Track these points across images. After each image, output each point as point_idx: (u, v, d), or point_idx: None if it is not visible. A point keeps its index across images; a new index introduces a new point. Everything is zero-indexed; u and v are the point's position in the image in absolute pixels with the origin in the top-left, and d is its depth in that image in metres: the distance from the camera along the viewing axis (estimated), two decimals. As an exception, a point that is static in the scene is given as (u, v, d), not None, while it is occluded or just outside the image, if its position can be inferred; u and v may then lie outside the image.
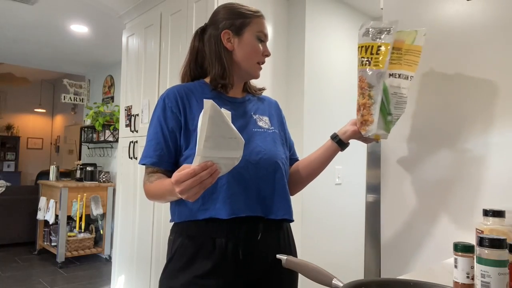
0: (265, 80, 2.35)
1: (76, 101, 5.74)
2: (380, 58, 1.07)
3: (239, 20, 1.15)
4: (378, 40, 1.08)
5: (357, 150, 2.65)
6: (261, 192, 1.08)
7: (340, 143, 1.18)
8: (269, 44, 1.20)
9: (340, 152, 1.22)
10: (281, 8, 2.51)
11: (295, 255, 1.19)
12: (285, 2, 2.53)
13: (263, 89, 1.29)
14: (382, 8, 1.42)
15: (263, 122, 1.19)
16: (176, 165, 1.08)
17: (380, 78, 1.07)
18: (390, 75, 1.10)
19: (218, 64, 1.14)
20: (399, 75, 1.11)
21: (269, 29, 2.48)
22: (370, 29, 1.09)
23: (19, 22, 3.83)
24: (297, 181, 1.25)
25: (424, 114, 1.26)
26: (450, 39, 1.21)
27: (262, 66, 1.18)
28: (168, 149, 1.09)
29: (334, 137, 1.19)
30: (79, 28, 3.97)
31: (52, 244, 4.60)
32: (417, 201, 1.25)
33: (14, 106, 8.35)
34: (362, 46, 1.10)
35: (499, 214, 0.92)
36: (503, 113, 1.08)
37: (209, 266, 1.03)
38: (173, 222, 1.15)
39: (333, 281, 0.76)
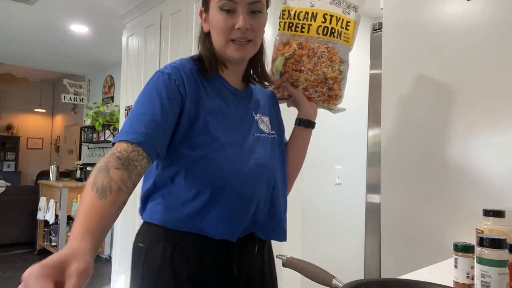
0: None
1: (76, 101, 5.74)
2: (350, 35, 1.03)
3: None
4: (347, 15, 1.03)
5: (357, 150, 2.66)
6: (258, 211, 0.94)
7: (308, 123, 1.10)
8: (269, 44, 1.07)
9: (340, 152, 1.20)
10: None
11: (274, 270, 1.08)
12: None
13: (274, 80, 1.10)
14: (382, 8, 1.42)
15: (264, 124, 1.03)
16: (157, 154, 0.82)
17: (348, 55, 1.04)
18: None
19: (200, 50, 0.98)
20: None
21: (269, 30, 2.48)
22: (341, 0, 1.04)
23: (19, 22, 3.83)
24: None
25: (424, 114, 1.26)
26: (450, 39, 1.21)
27: (244, 43, 0.92)
28: (161, 134, 0.83)
29: (303, 121, 1.10)
30: (79, 28, 3.96)
31: (52, 244, 4.60)
32: (417, 201, 1.25)
33: (14, 106, 8.34)
34: (332, 15, 1.04)
35: (499, 214, 0.92)
36: (503, 113, 1.08)
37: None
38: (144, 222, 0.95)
39: (333, 281, 0.76)
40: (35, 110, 8.51)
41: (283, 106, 1.15)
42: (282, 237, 1.01)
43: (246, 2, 0.90)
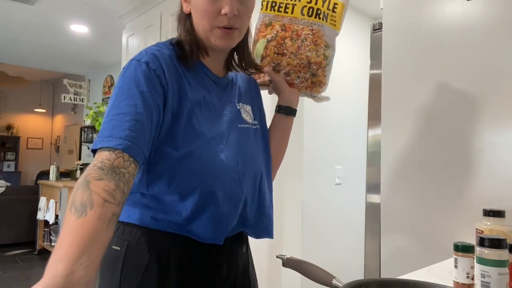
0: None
1: (76, 101, 5.74)
2: (337, 18, 0.95)
3: None
4: None
5: (357, 150, 2.66)
6: (246, 209, 0.88)
7: (288, 111, 1.02)
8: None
9: (340, 152, 1.19)
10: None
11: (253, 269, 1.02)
12: None
13: (259, 67, 1.01)
14: (382, 8, 1.42)
15: (247, 113, 0.95)
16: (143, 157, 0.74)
17: (335, 40, 0.97)
18: None
19: (179, 32, 0.88)
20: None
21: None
22: None
23: (19, 22, 3.83)
24: None
25: (424, 114, 1.25)
26: (450, 39, 1.21)
27: (230, 30, 0.83)
28: (150, 132, 0.74)
29: (283, 108, 1.02)
30: (79, 28, 3.96)
31: (52, 244, 4.60)
32: (417, 201, 1.25)
33: (14, 106, 8.35)
34: None
35: (499, 214, 0.92)
36: (503, 113, 1.08)
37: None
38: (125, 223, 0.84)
39: (333, 281, 0.76)
40: (35, 110, 8.51)
41: (264, 93, 1.09)
42: (270, 234, 0.95)
43: None
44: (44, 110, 8.58)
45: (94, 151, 0.69)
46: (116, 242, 0.82)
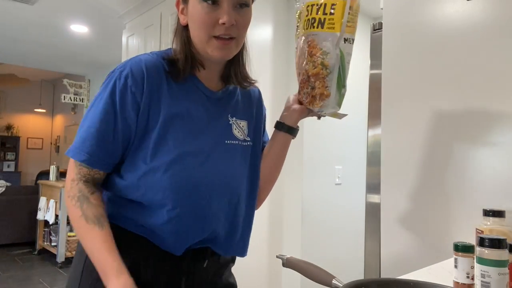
0: (265, 80, 2.35)
1: (76, 101, 5.75)
2: (336, 19, 0.88)
3: None
4: None
5: (357, 150, 2.66)
6: (217, 227, 0.88)
7: (290, 130, 0.98)
8: (269, 44, 1.01)
9: (340, 152, 1.17)
10: (281, 8, 2.51)
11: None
12: (285, 2, 2.53)
13: (253, 81, 0.98)
14: (382, 8, 1.42)
15: (239, 129, 0.94)
16: (113, 166, 0.83)
17: (337, 44, 0.89)
18: (346, 40, 0.91)
19: (175, 44, 0.88)
20: (352, 40, 0.92)
21: (269, 29, 2.49)
22: None
23: (19, 22, 3.83)
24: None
25: (423, 114, 1.26)
26: (450, 39, 1.21)
27: (227, 40, 0.83)
28: (115, 150, 0.81)
29: (281, 126, 0.97)
30: (79, 28, 3.96)
31: (52, 244, 4.60)
32: (417, 201, 1.25)
33: (14, 106, 8.35)
34: (312, 4, 0.92)
35: (499, 214, 0.92)
36: (503, 113, 1.08)
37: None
38: None
39: (333, 281, 0.76)
40: (35, 110, 8.51)
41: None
42: (242, 253, 0.95)
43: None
44: (44, 110, 8.58)
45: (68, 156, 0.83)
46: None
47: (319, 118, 1.02)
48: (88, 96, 5.84)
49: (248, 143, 0.95)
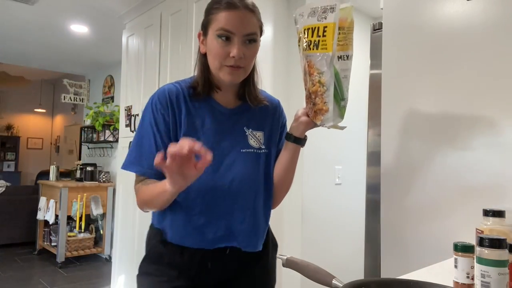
0: (265, 81, 2.34)
1: (76, 101, 5.74)
2: (327, 41, 0.99)
3: (206, 18, 1.04)
4: (323, 20, 1.00)
5: (357, 150, 2.66)
6: (233, 225, 1.05)
7: (297, 141, 1.09)
8: (269, 44, 1.12)
9: (340, 152, 1.20)
10: (281, 8, 2.51)
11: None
12: (285, 2, 2.53)
13: (262, 101, 1.14)
14: (382, 8, 1.42)
15: (255, 139, 1.10)
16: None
17: (330, 63, 0.99)
18: (339, 57, 1.02)
19: (197, 70, 1.08)
20: (347, 57, 1.03)
21: (269, 29, 2.48)
22: (315, 9, 1.01)
23: (19, 22, 3.83)
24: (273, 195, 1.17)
25: (424, 114, 1.26)
26: (450, 39, 1.21)
27: (238, 68, 1.01)
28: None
29: (289, 137, 1.09)
30: (79, 28, 3.96)
31: (52, 244, 4.60)
32: (417, 201, 1.25)
33: (14, 106, 8.35)
34: (308, 28, 1.02)
35: (499, 214, 0.92)
36: (503, 112, 1.08)
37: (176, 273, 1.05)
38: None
39: (333, 281, 0.76)
40: (35, 110, 8.51)
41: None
42: (258, 247, 1.10)
43: (242, 33, 0.98)
44: (44, 110, 8.58)
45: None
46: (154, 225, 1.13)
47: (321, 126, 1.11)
48: (88, 96, 5.84)
49: (263, 150, 1.11)
